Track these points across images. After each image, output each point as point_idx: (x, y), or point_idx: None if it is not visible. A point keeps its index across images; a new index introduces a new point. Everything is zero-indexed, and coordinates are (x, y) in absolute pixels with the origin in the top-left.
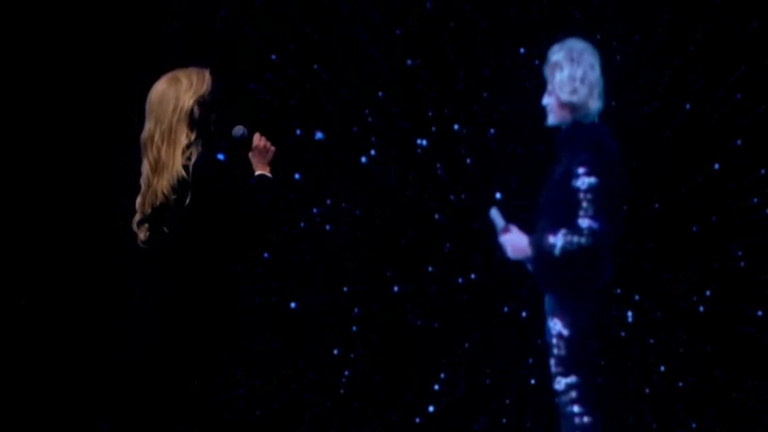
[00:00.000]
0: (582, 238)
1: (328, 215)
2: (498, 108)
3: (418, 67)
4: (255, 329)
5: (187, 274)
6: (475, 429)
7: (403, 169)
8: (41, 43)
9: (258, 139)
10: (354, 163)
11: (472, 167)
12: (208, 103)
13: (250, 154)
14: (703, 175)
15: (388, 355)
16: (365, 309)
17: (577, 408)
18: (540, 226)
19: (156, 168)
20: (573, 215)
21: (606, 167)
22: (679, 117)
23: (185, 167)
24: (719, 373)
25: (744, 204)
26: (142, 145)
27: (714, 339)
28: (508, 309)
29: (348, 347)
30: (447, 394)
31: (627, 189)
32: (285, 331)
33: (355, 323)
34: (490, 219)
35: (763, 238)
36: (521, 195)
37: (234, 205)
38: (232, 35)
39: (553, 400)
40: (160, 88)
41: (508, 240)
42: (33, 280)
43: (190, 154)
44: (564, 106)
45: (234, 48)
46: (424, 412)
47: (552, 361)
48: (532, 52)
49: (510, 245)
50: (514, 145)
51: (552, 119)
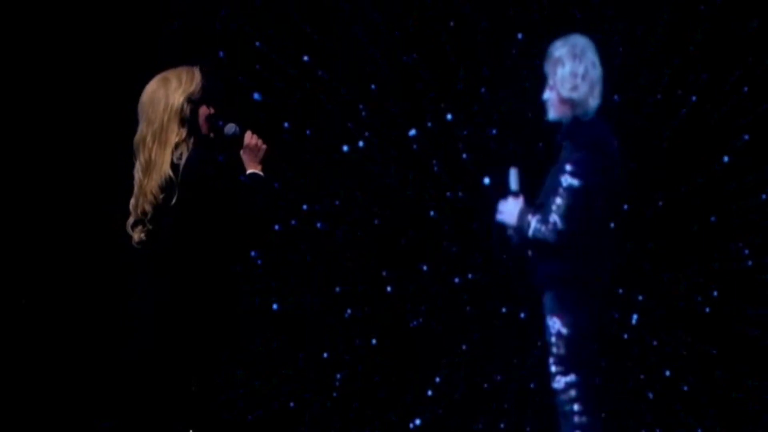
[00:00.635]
0: (547, 231)
1: (327, 215)
2: (498, 108)
3: (417, 67)
4: (255, 329)
5: (187, 274)
6: (475, 429)
7: (403, 169)
8: (41, 43)
9: (250, 138)
10: (353, 163)
11: (472, 167)
12: (198, 101)
13: (241, 152)
14: (704, 175)
15: (387, 356)
16: (365, 309)
17: (577, 407)
18: (536, 203)
19: (147, 169)
20: (548, 207)
21: (599, 169)
22: (680, 117)
23: (173, 166)
24: (719, 373)
25: (747, 203)
26: (135, 148)
27: (714, 339)
28: (507, 309)
29: (348, 347)
30: (447, 394)
31: (626, 187)
32: (285, 331)
33: (355, 323)
34: (507, 179)
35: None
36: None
37: (229, 204)
38: (232, 35)
39: (553, 399)
40: (150, 89)
41: (505, 203)
42: (33, 280)
43: (180, 153)
44: (564, 101)
45: (234, 48)
46: (423, 412)
47: (551, 360)
48: (532, 51)
49: (504, 207)
50: (514, 145)
51: (552, 114)
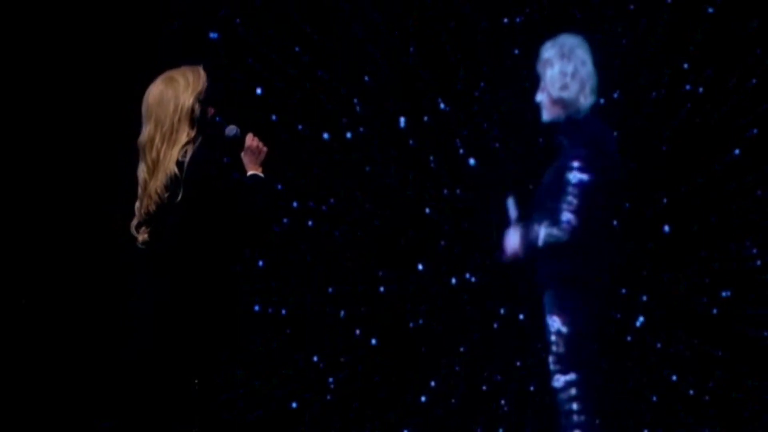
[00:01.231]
0: (561, 232)
1: (327, 215)
2: (498, 108)
3: (417, 67)
4: (255, 329)
5: (187, 274)
6: (475, 430)
7: (403, 169)
8: (41, 43)
9: (251, 140)
10: (353, 163)
11: (472, 167)
12: (206, 100)
13: (242, 154)
14: (704, 175)
15: (387, 356)
16: (365, 309)
17: (576, 406)
18: (533, 217)
19: (153, 169)
20: (557, 207)
21: (599, 168)
22: (680, 117)
23: (178, 164)
24: (719, 374)
25: (748, 202)
26: (140, 149)
27: (714, 339)
28: (507, 310)
29: (348, 347)
30: (447, 394)
31: (626, 187)
32: (285, 331)
33: (355, 324)
34: (506, 208)
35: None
36: (521, 195)
37: (230, 204)
38: (231, 35)
39: (553, 399)
40: (156, 89)
41: (507, 236)
42: (33, 280)
43: (185, 151)
44: (555, 102)
45: (234, 48)
46: (423, 412)
47: (551, 359)
48: (532, 52)
49: (508, 239)
50: (514, 146)
51: (546, 115)
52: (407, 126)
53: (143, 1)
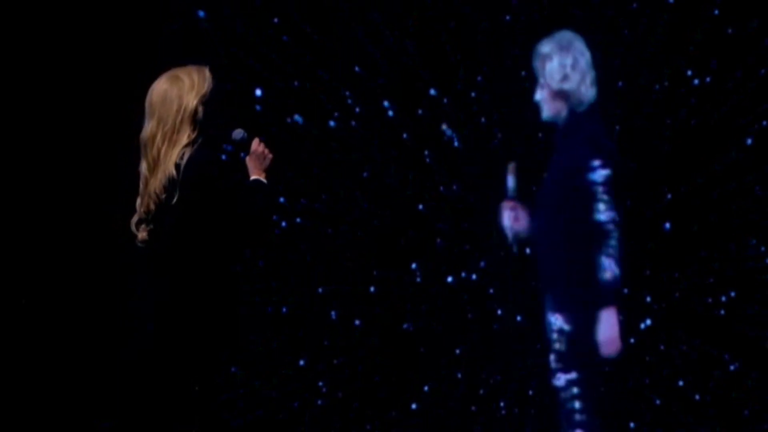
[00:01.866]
0: (611, 238)
1: (327, 215)
2: (498, 108)
3: (417, 67)
4: (255, 329)
5: (187, 274)
6: (475, 430)
7: (403, 169)
8: (41, 43)
9: (257, 145)
10: (352, 163)
11: (472, 168)
12: (210, 102)
13: (246, 158)
14: (704, 175)
15: (388, 356)
16: (365, 309)
17: (578, 404)
18: (540, 223)
19: (153, 168)
20: (587, 211)
21: (611, 158)
22: (680, 117)
23: (176, 165)
24: (719, 374)
25: (748, 202)
26: (141, 145)
27: (714, 339)
28: (507, 310)
29: (348, 347)
30: (447, 394)
31: (625, 188)
32: (285, 331)
33: (355, 324)
34: (506, 177)
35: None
36: (522, 195)
37: (230, 204)
38: (231, 35)
39: (553, 399)
40: (161, 87)
41: (508, 213)
42: (33, 280)
43: (183, 154)
44: (557, 95)
45: (233, 48)
46: (423, 412)
47: (552, 357)
48: (532, 51)
49: (604, 338)
50: (515, 146)
51: (546, 112)
52: (407, 126)
53: (143, 1)
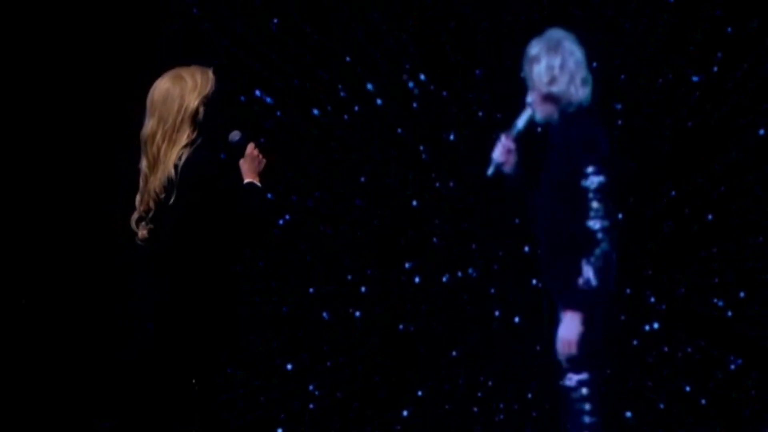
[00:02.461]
0: (598, 247)
1: (328, 215)
2: (498, 108)
3: (417, 67)
4: (255, 329)
5: (187, 274)
6: (475, 429)
7: (403, 169)
8: (41, 43)
9: (251, 149)
10: (352, 163)
11: (472, 168)
12: (212, 104)
13: (240, 162)
14: (704, 175)
15: (387, 356)
16: (365, 309)
17: (588, 406)
18: (540, 223)
19: (153, 166)
20: (580, 217)
21: (606, 162)
22: (680, 116)
23: (175, 166)
24: (719, 374)
25: (748, 202)
26: (142, 143)
27: (714, 339)
28: (507, 310)
29: (347, 347)
30: (446, 394)
31: (619, 184)
32: (285, 331)
33: (355, 323)
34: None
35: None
36: (521, 195)
37: (229, 204)
38: (231, 35)
39: (563, 399)
40: (163, 86)
41: (502, 145)
42: (33, 280)
43: (182, 153)
44: (546, 98)
45: (234, 48)
46: (423, 412)
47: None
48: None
49: (562, 338)
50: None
51: (538, 115)
52: (407, 126)
53: (143, 1)
